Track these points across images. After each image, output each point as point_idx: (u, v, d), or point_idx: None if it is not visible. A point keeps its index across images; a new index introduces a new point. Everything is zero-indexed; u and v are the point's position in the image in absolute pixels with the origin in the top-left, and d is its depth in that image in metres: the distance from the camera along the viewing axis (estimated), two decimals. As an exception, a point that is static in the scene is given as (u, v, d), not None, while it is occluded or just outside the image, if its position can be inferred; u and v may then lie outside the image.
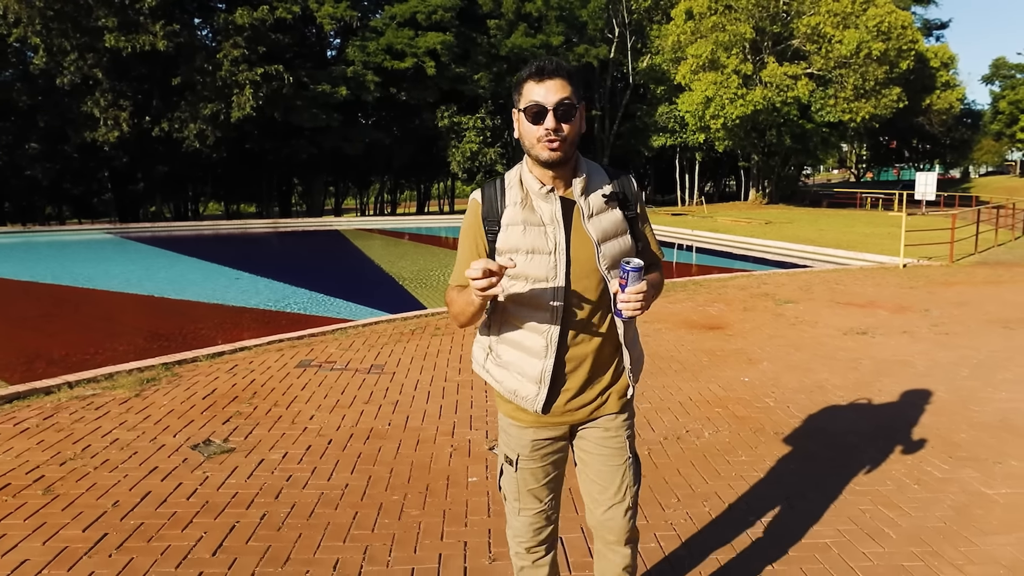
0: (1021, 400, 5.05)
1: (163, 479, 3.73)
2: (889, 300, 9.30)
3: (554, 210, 1.86)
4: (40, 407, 4.84)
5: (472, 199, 1.98)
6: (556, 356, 1.89)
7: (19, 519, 3.27)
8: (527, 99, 1.80)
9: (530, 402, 1.93)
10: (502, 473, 2.10)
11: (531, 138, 1.81)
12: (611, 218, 1.91)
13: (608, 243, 1.88)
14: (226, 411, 4.80)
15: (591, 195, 1.89)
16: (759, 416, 4.75)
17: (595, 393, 1.98)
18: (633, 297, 1.74)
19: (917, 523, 3.27)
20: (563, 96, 1.77)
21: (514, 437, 2.02)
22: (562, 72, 1.80)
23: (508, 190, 1.91)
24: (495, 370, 2.01)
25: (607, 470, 2.03)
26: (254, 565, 2.92)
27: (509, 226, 1.87)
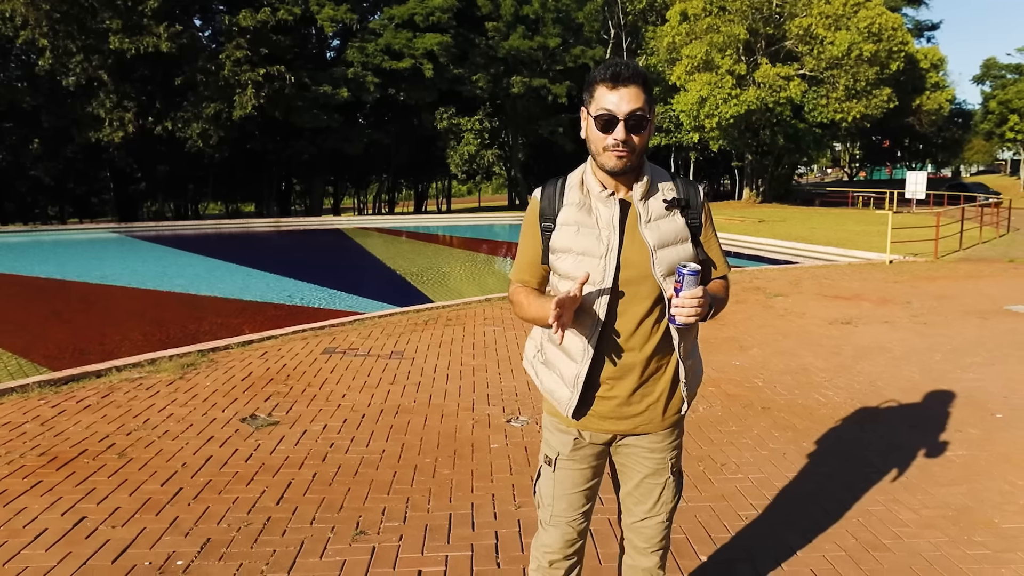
0: (985, 380, 5.57)
1: (220, 446, 4.21)
2: (874, 293, 9.82)
3: (612, 214, 1.82)
4: (95, 388, 5.31)
5: (533, 197, 1.96)
6: (592, 362, 1.84)
7: (103, 477, 3.76)
8: (598, 105, 1.74)
9: (563, 405, 1.89)
10: (539, 476, 2.05)
11: (598, 145, 1.77)
12: (671, 225, 1.85)
13: (665, 250, 1.81)
14: (265, 391, 5.28)
15: (651, 199, 1.85)
16: (748, 394, 5.26)
17: (644, 406, 1.90)
18: (688, 302, 1.66)
19: (883, 477, 3.77)
20: (636, 107, 1.72)
21: (555, 436, 1.98)
22: (638, 79, 1.73)
23: (568, 190, 1.89)
24: (540, 368, 1.99)
25: (647, 485, 1.98)
26: (314, 511, 3.40)
27: (563, 225, 1.85)
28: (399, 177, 47.40)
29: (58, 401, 4.98)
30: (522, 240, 1.97)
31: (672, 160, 42.92)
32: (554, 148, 41.22)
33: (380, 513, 3.39)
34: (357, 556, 2.99)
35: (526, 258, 1.96)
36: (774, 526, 3.26)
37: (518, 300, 1.92)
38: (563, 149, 39.79)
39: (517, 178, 42.96)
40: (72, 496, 3.52)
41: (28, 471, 3.80)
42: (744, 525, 3.27)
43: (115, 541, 3.09)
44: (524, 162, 43.49)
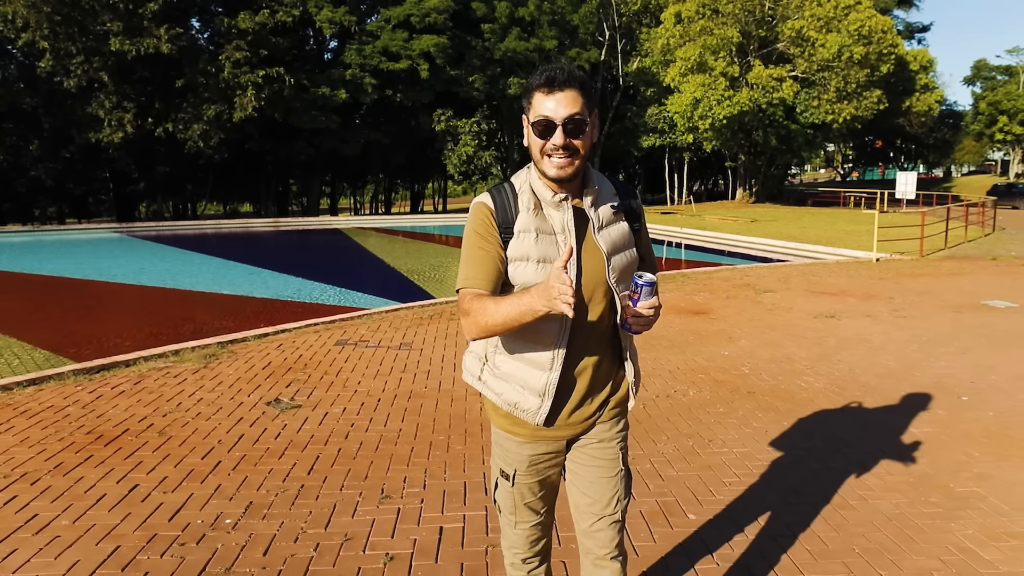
0: (955, 367, 5.99)
1: (250, 425, 4.59)
2: (859, 289, 10.25)
3: (565, 219, 1.81)
4: (127, 375, 5.68)
5: (481, 203, 1.87)
6: (563, 368, 1.85)
7: (148, 451, 4.13)
8: (535, 112, 1.74)
9: (531, 415, 1.88)
10: (497, 487, 2.06)
11: (539, 151, 1.77)
12: (619, 230, 1.89)
13: (617, 256, 1.86)
14: (285, 378, 5.66)
15: (601, 207, 1.86)
16: (735, 380, 5.66)
17: (596, 405, 1.94)
18: (645, 312, 1.70)
19: (856, 449, 4.18)
20: (573, 111, 1.71)
21: (511, 452, 1.97)
22: (574, 82, 1.72)
23: (520, 195, 1.85)
24: (493, 382, 1.94)
25: (599, 482, 1.98)
26: (342, 480, 3.78)
27: (521, 233, 1.80)
28: (396, 178, 47.74)
29: (94, 387, 5.35)
30: (474, 249, 1.84)
31: (666, 161, 43.38)
32: (549, 149, 41.57)
33: (402, 481, 3.77)
34: (385, 516, 3.38)
35: (486, 266, 1.82)
36: (755, 491, 3.66)
37: (480, 307, 1.75)
38: (559, 150, 40.16)
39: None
40: (123, 468, 3.89)
41: (79, 447, 4.18)
42: (728, 490, 3.67)
43: (168, 504, 3.47)
44: (520, 163, 43.90)
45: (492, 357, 1.94)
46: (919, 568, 2.92)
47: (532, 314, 1.64)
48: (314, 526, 3.27)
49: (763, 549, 3.08)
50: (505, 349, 1.90)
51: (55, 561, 2.95)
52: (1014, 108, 46.16)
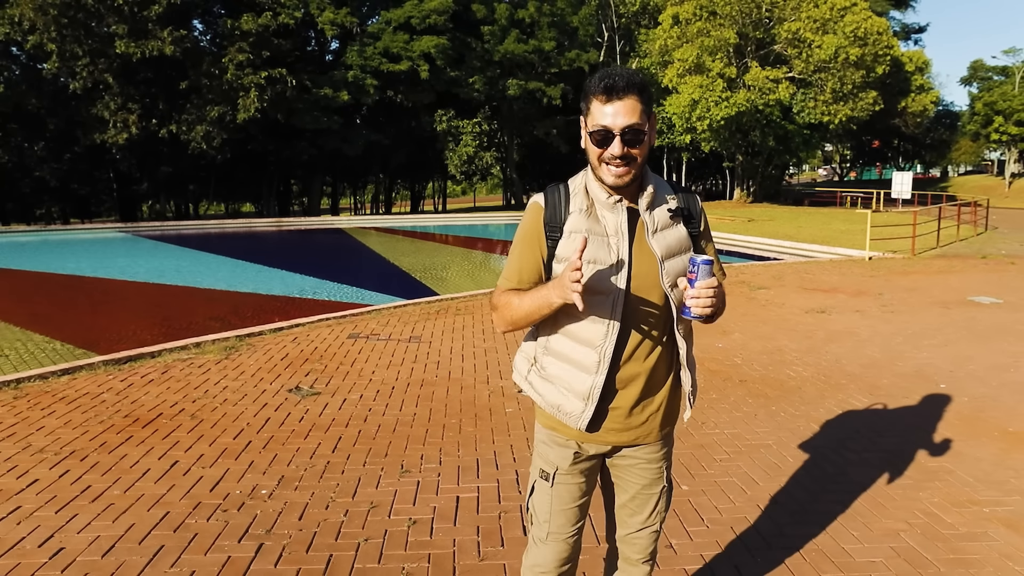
0: (936, 358, 6.33)
1: (275, 410, 4.92)
2: (850, 286, 10.59)
3: (619, 221, 1.79)
4: (153, 366, 6.02)
5: (534, 203, 1.88)
6: (608, 373, 1.81)
7: (183, 433, 4.47)
8: (593, 120, 1.72)
9: (574, 419, 1.85)
10: (533, 491, 2.01)
11: (596, 159, 1.75)
12: (676, 234, 1.84)
13: (671, 260, 1.81)
14: (303, 368, 6.00)
15: (656, 209, 1.82)
16: (728, 369, 6.00)
17: (644, 416, 1.89)
18: (703, 292, 1.64)
19: (835, 431, 4.52)
20: (632, 121, 1.69)
21: (553, 450, 1.94)
22: (632, 89, 1.69)
23: (573, 196, 1.84)
24: (538, 383, 1.93)
25: (641, 496, 1.98)
26: (364, 457, 4.12)
27: (572, 233, 1.79)
28: (396, 178, 48.07)
29: (124, 376, 5.69)
30: (520, 248, 1.88)
31: (664, 161, 43.73)
32: (549, 149, 42.04)
33: (419, 458, 4.11)
34: (406, 487, 3.72)
35: (525, 266, 1.86)
36: (742, 466, 4.00)
37: (506, 301, 1.83)
38: (557, 150, 40.61)
39: (513, 178, 43.71)
40: (162, 446, 4.23)
41: (118, 428, 4.51)
42: (718, 466, 4.01)
43: (207, 477, 3.81)
44: (519, 163, 44.27)
45: (540, 358, 1.93)
46: (887, 529, 3.26)
47: (548, 306, 1.70)
48: (342, 496, 3.61)
49: (747, 513, 3.42)
50: (553, 350, 1.89)
51: (113, 524, 3.29)
52: (1010, 108, 46.52)
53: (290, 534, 3.21)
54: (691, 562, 3.00)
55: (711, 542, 3.16)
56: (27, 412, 4.80)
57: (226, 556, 3.02)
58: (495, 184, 61.05)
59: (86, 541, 3.13)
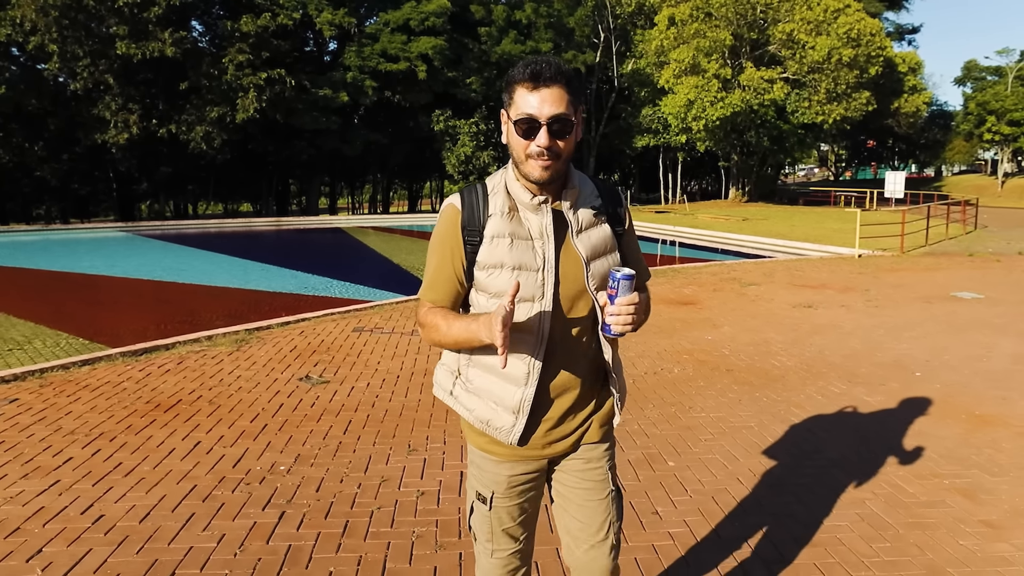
0: (915, 349, 6.65)
1: (288, 397, 5.22)
2: (838, 283, 10.91)
3: (544, 223, 1.70)
4: (169, 357, 6.31)
5: (449, 205, 1.76)
6: (539, 383, 1.73)
7: (202, 417, 4.76)
8: (518, 109, 1.62)
9: (505, 433, 1.76)
10: (472, 511, 1.92)
11: (520, 152, 1.65)
12: (600, 234, 1.76)
13: (597, 261, 1.74)
14: (311, 359, 6.29)
15: (581, 209, 1.74)
16: (716, 360, 6.31)
17: (577, 423, 1.83)
18: (624, 309, 1.58)
19: (813, 415, 4.83)
20: (559, 111, 1.59)
21: (488, 472, 1.85)
22: (560, 78, 1.60)
23: (492, 197, 1.73)
24: (464, 397, 1.83)
25: (589, 505, 1.87)
26: (373, 438, 4.42)
27: (494, 238, 1.70)
28: (394, 177, 48.35)
29: (142, 367, 5.98)
30: (436, 254, 1.78)
31: (661, 160, 44.07)
32: (546, 149, 42.30)
33: (424, 439, 4.41)
34: (413, 463, 4.02)
35: (443, 275, 1.76)
36: (725, 445, 4.31)
37: (433, 322, 1.72)
38: (554, 150, 40.86)
39: (510, 178, 43.99)
40: (184, 429, 4.52)
41: (142, 413, 4.81)
42: (703, 445, 4.31)
43: (228, 456, 4.11)
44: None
45: (465, 370, 1.83)
46: (854, 498, 3.57)
47: (477, 342, 1.61)
48: (355, 471, 3.91)
49: (727, 485, 3.73)
50: (478, 362, 1.79)
51: (146, 495, 3.59)
52: (1002, 108, 46.91)
53: (309, 504, 3.51)
54: (675, 526, 3.30)
55: (694, 509, 3.47)
56: (54, 399, 5.09)
57: (252, 522, 3.32)
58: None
59: (123, 509, 3.43)
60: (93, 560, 2.98)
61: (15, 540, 3.13)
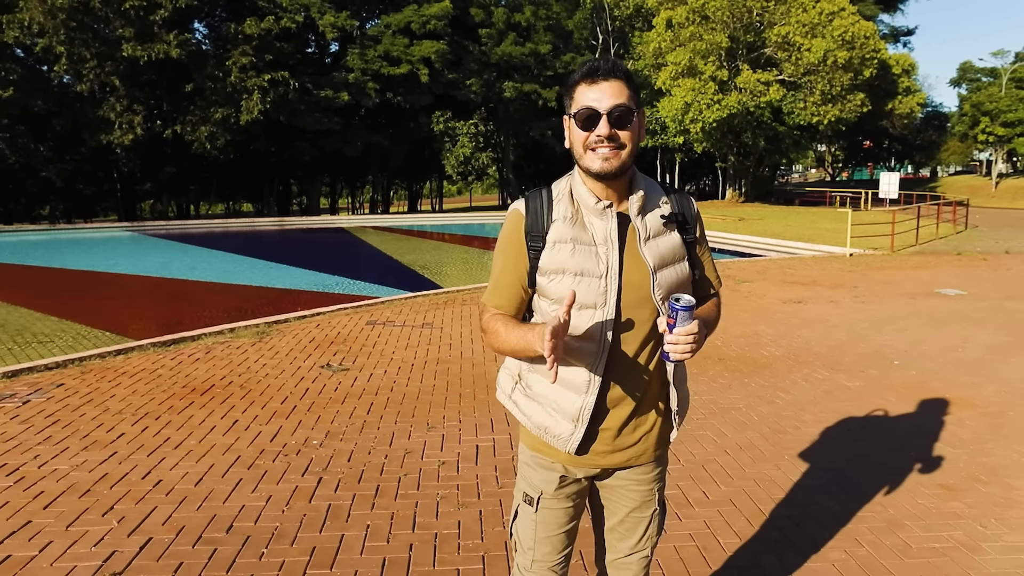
0: (895, 340, 7.09)
1: (312, 382, 5.64)
2: (828, 280, 11.36)
3: (609, 228, 1.67)
4: (196, 347, 6.73)
5: (514, 210, 1.76)
6: (599, 392, 1.70)
7: (236, 399, 5.19)
8: (578, 103, 1.62)
9: (563, 442, 1.74)
10: (516, 516, 1.90)
11: (582, 145, 1.64)
12: (669, 242, 1.72)
13: (665, 270, 1.70)
14: (330, 349, 6.72)
15: (648, 215, 1.71)
16: (708, 350, 6.74)
17: (636, 437, 1.78)
18: (682, 339, 1.55)
19: (797, 397, 5.27)
20: (619, 100, 1.59)
21: (538, 473, 1.83)
22: (619, 73, 1.62)
23: (556, 203, 1.71)
24: (524, 402, 1.82)
25: (632, 519, 1.88)
26: (395, 418, 4.84)
27: (556, 243, 1.68)
28: (394, 177, 48.78)
29: (172, 356, 6.40)
30: (500, 259, 1.78)
31: (658, 161, 44.52)
32: (544, 150, 42.86)
33: (441, 418, 4.84)
34: (433, 438, 4.45)
35: (506, 280, 1.76)
36: (714, 423, 4.74)
37: (494, 329, 1.72)
38: (553, 151, 41.43)
39: (509, 178, 44.50)
40: (221, 409, 4.95)
41: (180, 396, 5.23)
42: (695, 423, 4.75)
43: (265, 432, 4.53)
44: (515, 163, 45.04)
45: (526, 376, 1.82)
46: (828, 465, 4.01)
47: (532, 352, 1.59)
48: (380, 445, 4.34)
49: (715, 456, 4.16)
50: (539, 368, 1.77)
51: (196, 464, 4.01)
52: (996, 109, 47.45)
53: (342, 471, 3.94)
54: (669, 489, 3.71)
55: (685, 476, 3.90)
56: (97, 384, 5.51)
57: (294, 486, 3.74)
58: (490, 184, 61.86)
59: (178, 476, 3.85)
60: (159, 515, 3.40)
61: (88, 499, 3.56)
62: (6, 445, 4.25)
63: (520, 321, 1.78)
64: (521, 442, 1.90)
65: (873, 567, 2.97)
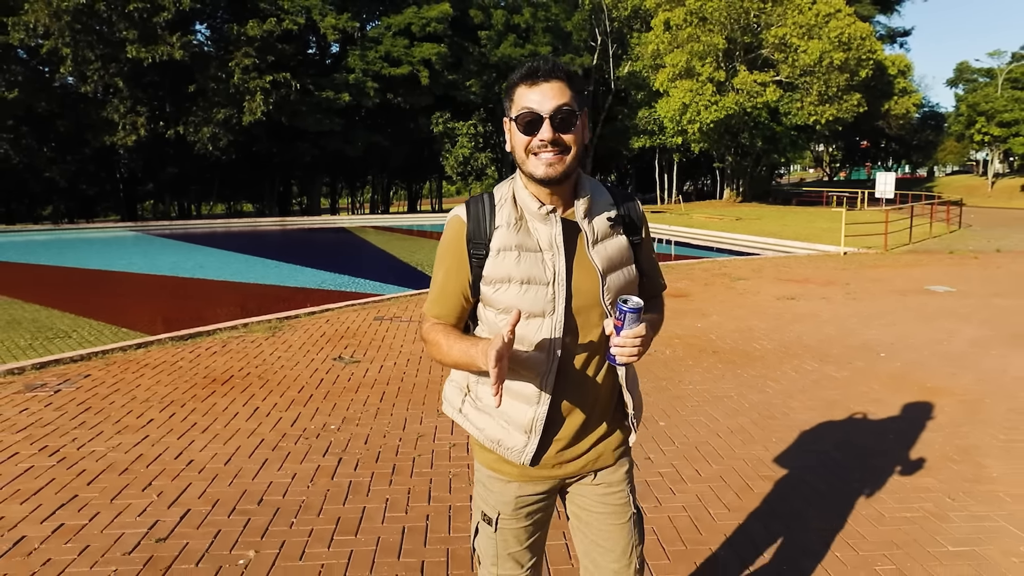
0: (883, 334, 7.39)
1: (326, 373, 5.93)
2: (821, 278, 11.65)
3: (553, 233, 1.63)
4: (212, 341, 7.02)
5: (454, 216, 1.70)
6: (551, 402, 1.67)
7: (256, 389, 5.47)
8: (519, 106, 1.57)
9: (516, 454, 1.71)
10: (477, 532, 1.85)
11: (524, 150, 1.59)
12: (617, 245, 1.70)
13: (613, 274, 1.67)
14: (341, 343, 7.00)
15: (596, 218, 1.68)
16: (704, 344, 7.04)
17: (590, 443, 1.76)
18: (630, 342, 1.53)
19: (786, 386, 5.56)
20: (561, 102, 1.55)
21: (495, 492, 1.78)
22: (559, 73, 1.57)
23: (499, 208, 1.67)
24: (474, 415, 1.77)
25: (610, 530, 1.81)
26: (406, 405, 5.13)
27: (501, 251, 1.63)
28: (394, 178, 49.07)
29: (190, 349, 6.69)
30: (441, 268, 1.72)
31: (656, 161, 44.85)
32: (544, 150, 43.13)
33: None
34: (443, 424, 4.73)
35: (448, 290, 1.71)
36: (707, 410, 5.03)
37: (435, 340, 1.67)
38: (552, 151, 41.69)
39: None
40: (242, 398, 5.24)
41: (202, 386, 5.52)
42: (688, 410, 5.04)
43: (285, 418, 4.82)
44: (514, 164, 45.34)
45: (475, 387, 1.78)
46: (813, 447, 4.30)
47: (475, 367, 1.57)
48: (394, 429, 4.63)
49: (708, 439, 4.46)
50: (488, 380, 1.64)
51: (224, 446, 4.30)
52: (991, 110, 47.78)
53: (360, 453, 4.23)
54: (664, 467, 4.02)
55: (679, 456, 4.19)
56: (121, 374, 5.80)
57: (316, 465, 4.03)
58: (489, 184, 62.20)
59: (208, 456, 4.14)
60: (195, 490, 3.69)
61: (128, 477, 3.85)
62: (44, 429, 4.53)
63: (462, 331, 1.74)
64: (475, 459, 1.85)
65: (850, 534, 3.26)
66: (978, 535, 3.24)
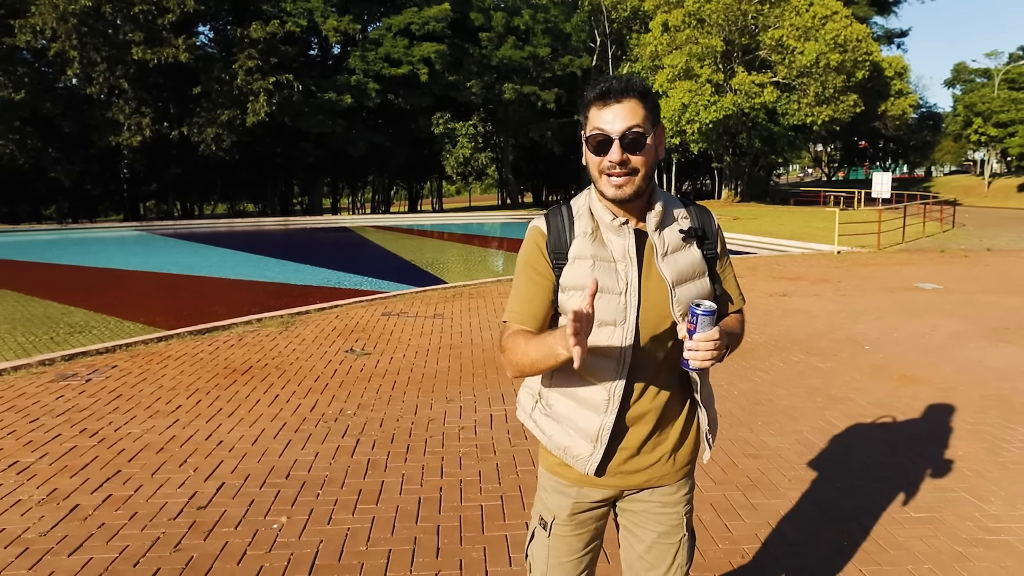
0: (869, 328, 7.74)
1: (339, 364, 6.27)
2: (813, 275, 12.00)
3: (627, 245, 1.66)
4: (228, 335, 7.36)
5: (534, 227, 1.75)
6: (619, 412, 1.68)
7: (274, 378, 5.82)
8: (591, 126, 1.60)
9: (582, 462, 1.72)
10: (532, 538, 1.88)
11: (595, 169, 1.62)
12: (688, 257, 1.70)
13: (684, 286, 1.67)
14: (352, 336, 7.35)
15: (666, 230, 1.69)
16: (697, 337, 7.37)
17: (656, 456, 1.75)
18: (702, 345, 1.51)
19: (773, 376, 5.91)
20: (632, 124, 1.56)
21: (552, 497, 1.81)
22: (632, 92, 1.58)
23: (577, 219, 1.71)
24: (544, 421, 1.79)
25: (659, 547, 1.80)
26: (416, 393, 5.47)
27: (576, 259, 1.67)
28: (395, 178, 49.44)
29: (209, 342, 7.03)
30: (522, 277, 1.74)
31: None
32: (542, 151, 43.53)
33: (457, 393, 5.47)
34: (452, 409, 5.08)
35: (529, 297, 1.72)
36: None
37: (513, 344, 1.66)
38: (551, 152, 42.11)
39: (508, 179, 45.19)
40: (262, 387, 5.58)
41: (223, 375, 5.86)
42: (681, 397, 5.38)
43: (304, 404, 5.16)
44: (514, 164, 45.73)
45: (545, 394, 1.80)
46: (794, 429, 4.65)
47: (555, 358, 1.53)
48: (406, 414, 4.97)
49: (699, 421, 4.80)
50: (559, 385, 1.75)
51: (249, 429, 4.64)
52: (988, 110, 48.12)
53: (376, 435, 4.57)
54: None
55: (671, 437, 4.53)
56: (146, 365, 6.15)
57: (336, 445, 4.38)
58: (489, 184, 62.51)
59: (236, 438, 4.48)
60: (227, 466, 4.04)
61: (164, 455, 4.19)
62: (82, 414, 4.88)
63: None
64: (540, 464, 1.87)
65: (822, 500, 3.61)
66: (940, 504, 3.59)
